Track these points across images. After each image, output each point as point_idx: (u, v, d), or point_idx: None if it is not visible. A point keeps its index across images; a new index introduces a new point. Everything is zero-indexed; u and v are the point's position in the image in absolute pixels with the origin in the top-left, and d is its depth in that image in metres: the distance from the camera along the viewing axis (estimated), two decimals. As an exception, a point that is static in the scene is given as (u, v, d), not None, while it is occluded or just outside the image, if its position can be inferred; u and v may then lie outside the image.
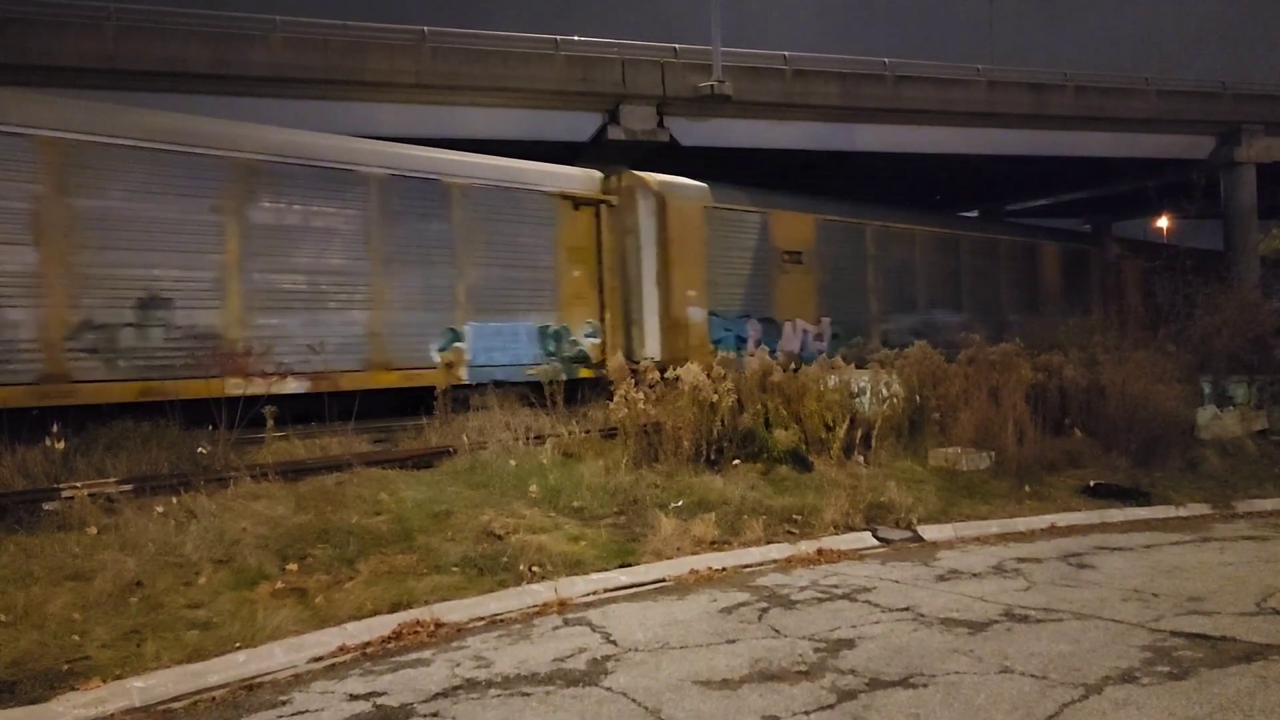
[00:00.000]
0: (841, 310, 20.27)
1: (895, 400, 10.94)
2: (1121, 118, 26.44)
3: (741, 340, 17.39)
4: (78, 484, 7.84)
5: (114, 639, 5.17)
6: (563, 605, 5.95)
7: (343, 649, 5.13)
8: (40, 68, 16.35)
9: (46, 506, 7.46)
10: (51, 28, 16.89)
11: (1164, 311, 15.35)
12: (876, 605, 5.83)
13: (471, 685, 4.58)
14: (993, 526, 8.25)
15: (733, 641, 5.14)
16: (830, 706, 4.17)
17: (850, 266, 20.82)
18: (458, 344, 14.01)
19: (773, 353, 16.34)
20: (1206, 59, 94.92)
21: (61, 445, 8.74)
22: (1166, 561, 6.99)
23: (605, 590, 6.29)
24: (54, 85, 15.19)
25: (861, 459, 9.93)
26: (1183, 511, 9.07)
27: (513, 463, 9.23)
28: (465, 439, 10.09)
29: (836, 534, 7.76)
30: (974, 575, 6.61)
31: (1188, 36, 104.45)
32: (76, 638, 5.17)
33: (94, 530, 6.90)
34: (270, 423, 10.32)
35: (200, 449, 9.46)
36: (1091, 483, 9.70)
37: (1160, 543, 7.73)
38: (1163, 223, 36.01)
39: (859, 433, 10.26)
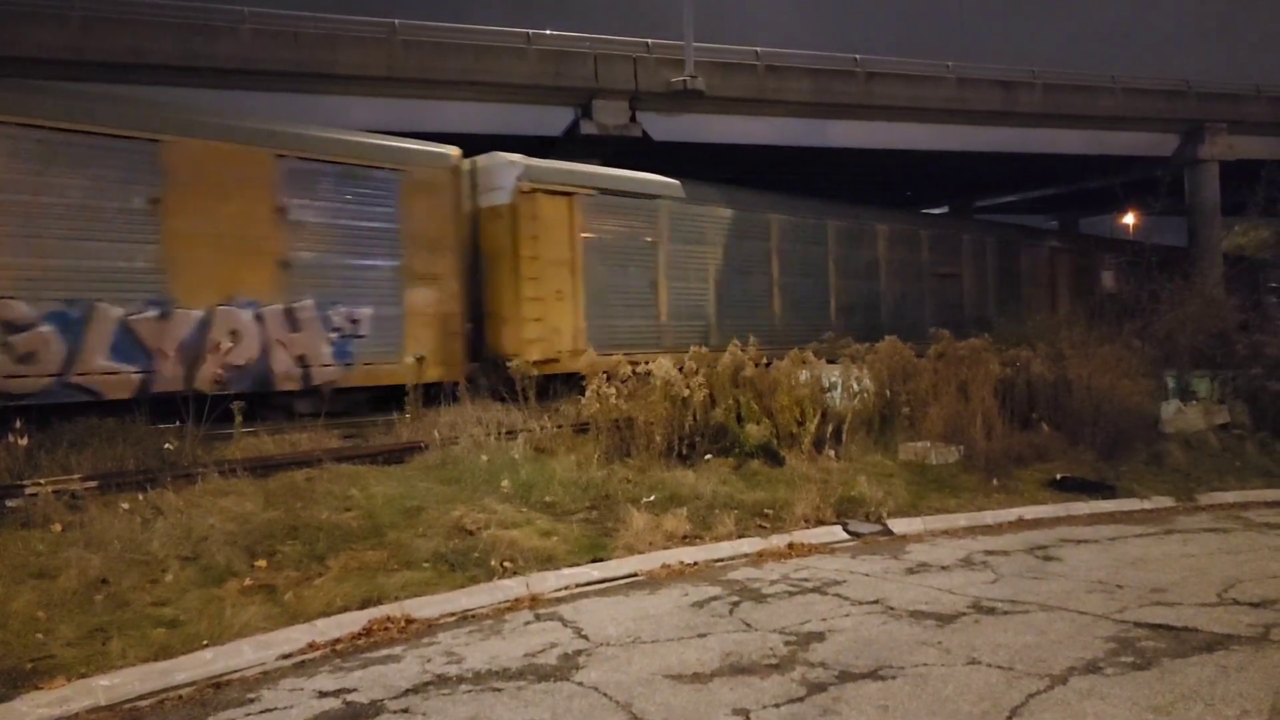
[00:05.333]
0: None
1: (866, 395, 11.03)
2: (1089, 115, 26.77)
3: None
4: (42, 480, 7.71)
5: (79, 637, 5.10)
6: (534, 600, 5.95)
7: (312, 646, 5.09)
8: (7, 59, 16.09)
9: (9, 503, 7.33)
10: (18, 18, 16.62)
11: (1129, 307, 15.56)
12: (846, 598, 5.87)
13: (442, 681, 4.56)
14: (961, 520, 8.34)
15: (704, 635, 5.16)
16: (800, 699, 4.20)
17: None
18: None
19: None
20: (1177, 57, 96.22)
21: (25, 441, 8.61)
22: (1131, 553, 7.10)
23: (577, 585, 6.29)
24: (21, 76, 14.94)
25: (832, 453, 9.99)
26: (1147, 504, 9.21)
27: (484, 458, 9.19)
28: (437, 434, 10.04)
29: (807, 528, 7.80)
30: (942, 568, 6.68)
31: (1158, 34, 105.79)
32: (41, 636, 5.09)
33: (58, 527, 6.79)
34: (239, 418, 10.22)
35: (167, 445, 9.35)
36: (1058, 476, 9.81)
37: (1125, 535, 7.84)
38: (1129, 219, 36.50)
39: (830, 427, 10.32)
